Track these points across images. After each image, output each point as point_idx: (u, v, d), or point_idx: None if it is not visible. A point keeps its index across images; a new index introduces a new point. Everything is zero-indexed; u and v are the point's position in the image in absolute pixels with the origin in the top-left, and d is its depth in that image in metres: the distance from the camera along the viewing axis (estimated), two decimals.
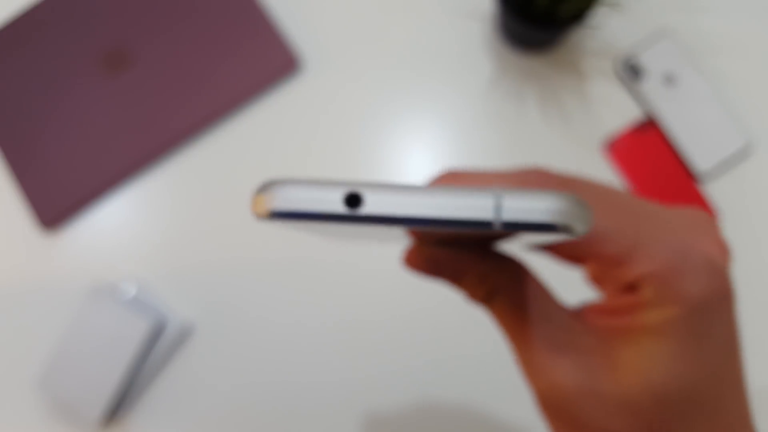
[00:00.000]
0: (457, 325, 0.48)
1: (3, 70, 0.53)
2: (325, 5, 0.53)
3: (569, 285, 0.27)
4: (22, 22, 0.53)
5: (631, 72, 0.49)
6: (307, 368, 0.49)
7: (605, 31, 0.51)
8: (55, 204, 0.51)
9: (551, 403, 0.20)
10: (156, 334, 0.48)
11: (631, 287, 0.20)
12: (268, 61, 0.51)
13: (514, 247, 0.21)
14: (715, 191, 0.49)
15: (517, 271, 0.21)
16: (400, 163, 0.51)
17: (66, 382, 0.47)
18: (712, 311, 0.19)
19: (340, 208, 0.15)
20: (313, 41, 0.52)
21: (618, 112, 0.50)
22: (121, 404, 0.48)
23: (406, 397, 0.48)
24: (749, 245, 0.48)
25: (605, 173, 0.49)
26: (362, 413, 0.48)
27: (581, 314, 0.21)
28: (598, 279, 0.22)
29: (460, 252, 0.21)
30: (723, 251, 0.20)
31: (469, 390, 0.48)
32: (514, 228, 0.15)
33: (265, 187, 0.16)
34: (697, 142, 0.49)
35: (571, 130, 0.50)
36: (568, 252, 0.20)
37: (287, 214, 0.15)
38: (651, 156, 0.49)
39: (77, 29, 0.53)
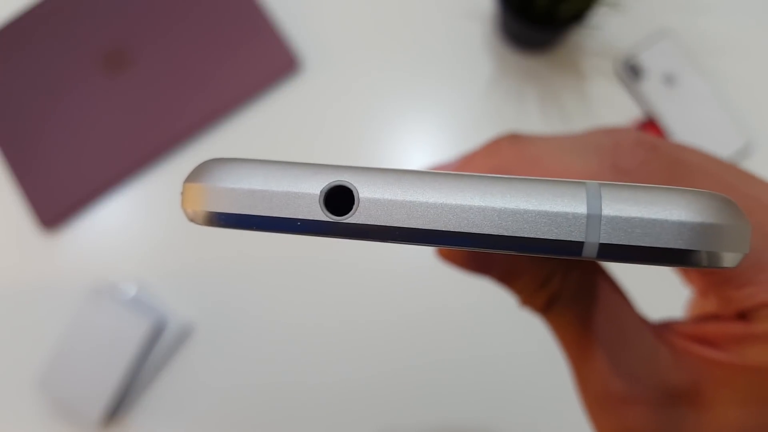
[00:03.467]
0: (461, 325, 0.48)
1: (3, 70, 0.53)
2: (325, 5, 0.53)
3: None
4: (22, 22, 0.53)
5: (631, 72, 0.49)
6: (307, 368, 0.49)
7: (605, 31, 0.51)
8: (55, 204, 0.51)
9: None
10: (156, 334, 0.48)
11: (744, 314, 0.15)
12: (269, 61, 0.51)
13: None
14: None
15: (588, 274, 0.16)
16: (401, 164, 0.51)
17: (66, 382, 0.47)
18: None
19: (319, 213, 0.10)
20: (313, 41, 0.52)
21: (618, 112, 0.50)
22: (121, 404, 0.48)
23: (407, 398, 0.48)
24: None
25: None
26: (363, 413, 0.48)
27: (668, 336, 0.16)
28: (703, 293, 0.17)
29: None
30: None
31: (472, 392, 0.48)
32: (612, 256, 0.09)
33: (200, 172, 0.10)
34: (697, 142, 0.49)
35: (570, 130, 0.50)
36: None
37: (232, 220, 0.10)
38: None
39: (77, 29, 0.53)
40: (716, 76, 0.50)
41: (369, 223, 0.09)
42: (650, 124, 0.49)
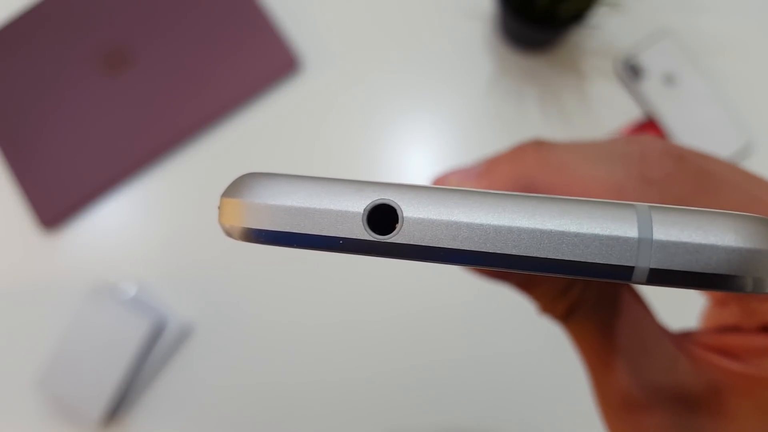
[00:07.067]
0: (463, 324, 0.48)
1: (3, 70, 0.53)
2: (325, 5, 0.53)
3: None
4: (22, 22, 0.53)
5: (631, 72, 0.49)
6: (307, 368, 0.49)
7: (605, 31, 0.51)
8: (55, 204, 0.51)
9: None
10: (156, 334, 0.48)
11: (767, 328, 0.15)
12: (268, 61, 0.51)
13: None
14: None
15: (609, 283, 0.15)
16: (401, 164, 0.51)
17: (66, 382, 0.47)
18: None
19: (362, 232, 0.09)
20: (313, 41, 0.52)
21: (618, 112, 0.50)
22: (121, 404, 0.48)
23: (409, 397, 0.48)
24: None
25: None
26: (364, 413, 0.48)
27: (688, 346, 0.16)
28: (722, 303, 0.17)
29: None
30: None
31: (474, 392, 0.48)
32: (661, 281, 0.09)
33: (238, 186, 0.10)
34: (697, 142, 0.49)
35: (571, 130, 0.50)
36: None
37: (271, 237, 0.10)
38: None
39: (77, 29, 0.53)
40: (716, 76, 0.50)
41: (412, 243, 0.09)
42: (650, 124, 0.49)
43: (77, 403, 0.47)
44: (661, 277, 0.09)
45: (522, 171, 0.17)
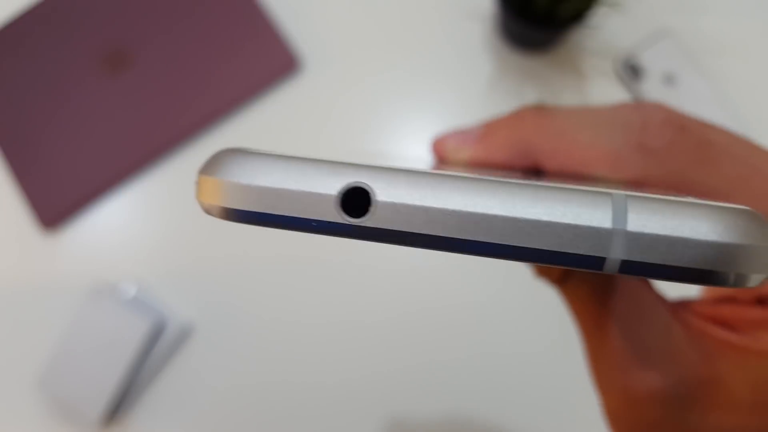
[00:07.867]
0: (466, 324, 0.48)
1: (3, 70, 0.53)
2: (325, 5, 0.53)
3: None
4: (22, 22, 0.53)
5: (631, 72, 0.49)
6: (308, 368, 0.49)
7: (605, 31, 0.51)
8: (55, 204, 0.51)
9: (624, 424, 0.15)
10: (156, 334, 0.48)
11: (763, 300, 0.15)
12: (268, 61, 0.51)
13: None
14: None
15: None
16: (402, 164, 0.51)
17: (66, 382, 0.47)
18: None
19: (334, 214, 0.09)
20: (313, 41, 0.52)
21: None
22: (121, 404, 0.48)
23: (409, 397, 0.48)
24: None
25: None
26: (364, 413, 0.48)
27: (683, 314, 0.16)
28: None
29: None
30: None
31: (476, 393, 0.48)
32: (634, 272, 0.09)
33: (215, 164, 0.10)
34: None
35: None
36: None
37: (247, 216, 0.10)
38: None
39: (77, 29, 0.53)
40: (716, 76, 0.50)
41: (384, 227, 0.09)
42: None
43: (77, 403, 0.47)
44: (635, 268, 0.09)
45: (520, 136, 0.17)
